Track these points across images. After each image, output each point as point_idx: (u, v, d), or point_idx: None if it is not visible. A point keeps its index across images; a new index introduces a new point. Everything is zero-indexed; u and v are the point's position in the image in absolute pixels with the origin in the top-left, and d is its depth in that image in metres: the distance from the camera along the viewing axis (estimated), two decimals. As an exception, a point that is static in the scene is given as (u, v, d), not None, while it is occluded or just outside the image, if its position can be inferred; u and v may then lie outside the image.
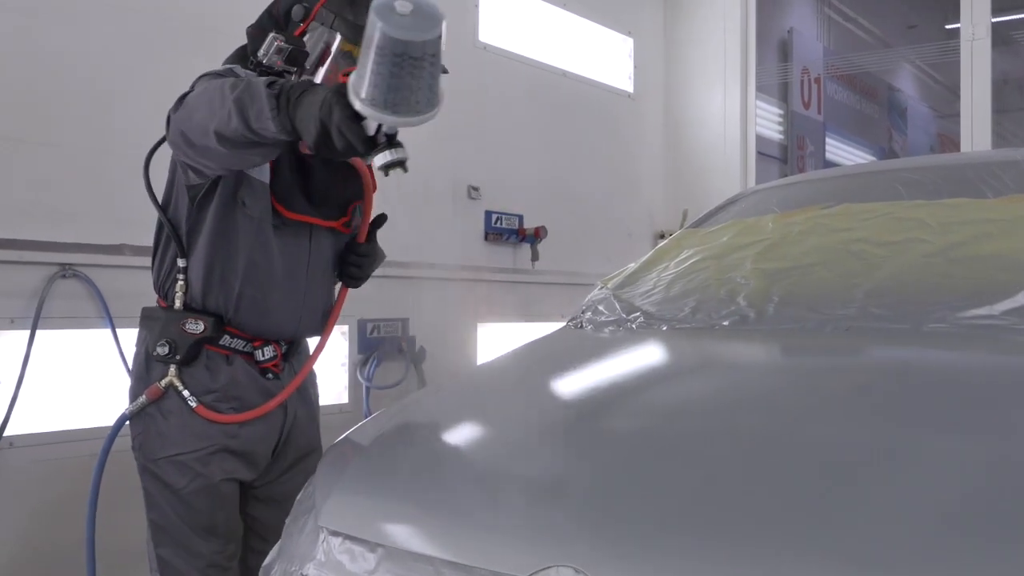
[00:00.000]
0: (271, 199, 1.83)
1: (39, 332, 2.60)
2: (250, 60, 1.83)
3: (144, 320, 1.91)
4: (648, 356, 1.94)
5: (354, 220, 2.01)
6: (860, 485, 1.14)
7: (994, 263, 1.76)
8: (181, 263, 1.83)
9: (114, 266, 2.80)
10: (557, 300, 4.44)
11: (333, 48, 1.78)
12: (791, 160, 6.21)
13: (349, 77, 1.37)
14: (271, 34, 1.76)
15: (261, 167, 1.80)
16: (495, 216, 4.31)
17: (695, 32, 5.45)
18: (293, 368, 2.00)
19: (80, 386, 2.78)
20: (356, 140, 1.37)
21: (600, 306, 2.19)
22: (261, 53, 1.75)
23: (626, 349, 1.98)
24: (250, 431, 1.90)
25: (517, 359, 2.06)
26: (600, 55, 5.08)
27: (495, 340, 4.23)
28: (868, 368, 1.64)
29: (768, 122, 5.86)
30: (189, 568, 1.86)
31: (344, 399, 3.63)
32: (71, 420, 2.74)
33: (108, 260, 2.78)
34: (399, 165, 1.40)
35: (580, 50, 4.90)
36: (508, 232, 4.35)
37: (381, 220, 2.06)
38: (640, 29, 5.36)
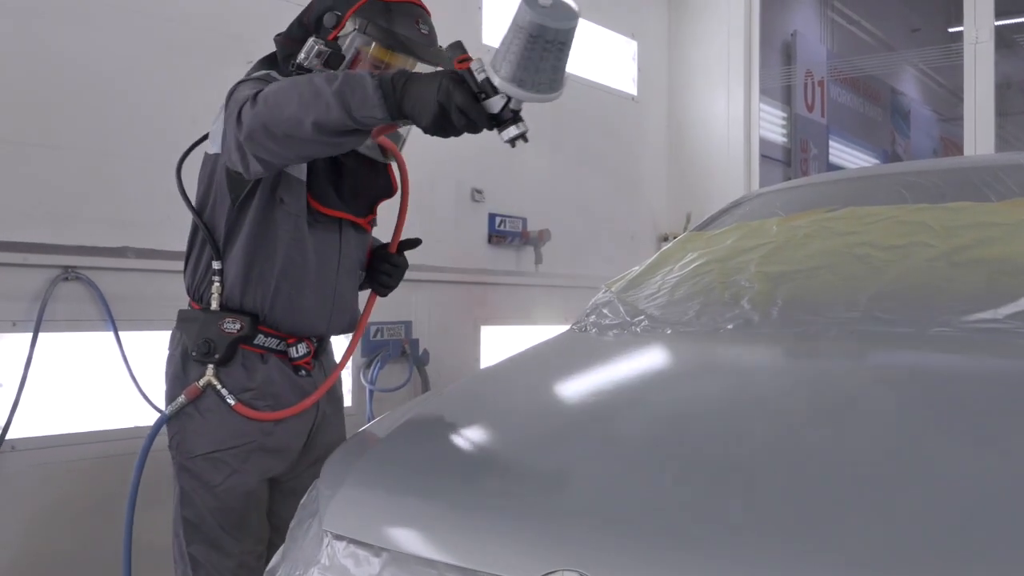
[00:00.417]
0: (307, 196, 1.89)
1: (41, 335, 2.60)
2: (287, 66, 1.91)
3: (181, 322, 1.96)
4: (653, 360, 1.94)
5: (375, 218, 2.08)
6: (865, 490, 1.14)
7: (998, 267, 1.75)
8: (216, 265, 1.89)
9: (117, 269, 2.79)
10: (560, 303, 4.43)
11: (366, 53, 1.87)
12: (794, 163, 6.20)
13: (470, 64, 1.53)
14: (311, 39, 1.85)
15: (299, 165, 1.87)
16: (499, 219, 4.30)
17: (699, 35, 5.44)
18: (323, 366, 2.06)
19: (83, 389, 2.78)
20: (480, 118, 1.52)
21: (604, 309, 2.19)
22: (302, 56, 1.84)
23: (631, 353, 1.97)
24: (284, 427, 1.95)
25: (521, 363, 2.06)
26: (604, 58, 5.08)
27: (498, 343, 4.22)
28: (873, 372, 1.63)
29: (771, 125, 5.85)
30: (220, 567, 1.90)
31: (348, 402, 3.61)
32: (73, 424, 2.74)
33: (111, 263, 2.78)
34: (523, 136, 1.57)
35: (584, 53, 4.89)
36: (512, 235, 4.35)
37: (416, 243, 2.17)
38: (644, 32, 5.35)
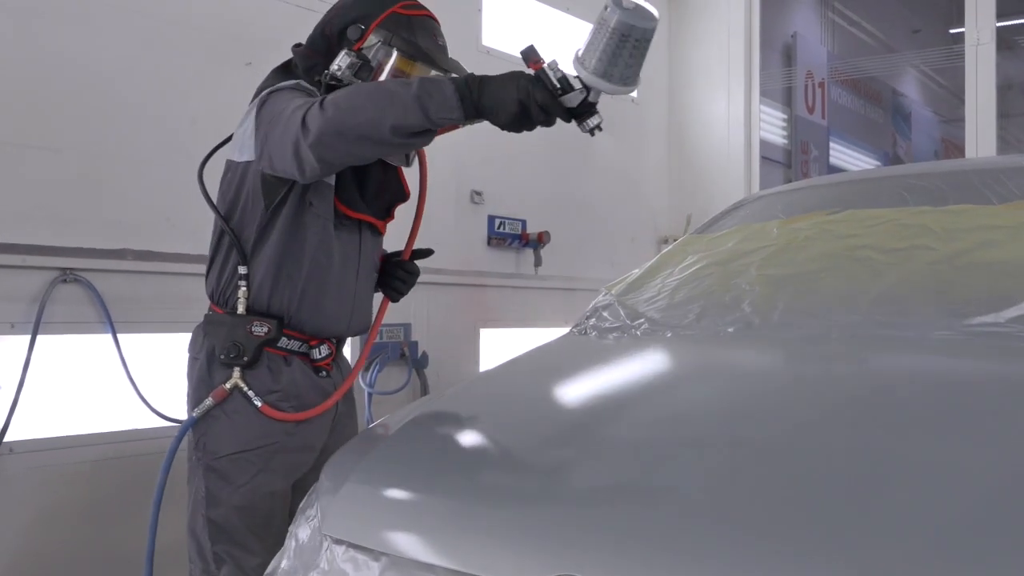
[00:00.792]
0: (334, 199, 1.95)
1: (40, 337, 2.59)
2: (312, 75, 1.96)
3: (208, 326, 1.99)
4: (653, 363, 1.93)
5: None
6: (865, 493, 1.13)
7: (1000, 270, 1.76)
8: (243, 270, 1.93)
9: (115, 271, 2.78)
10: (560, 305, 4.43)
11: (389, 64, 1.93)
12: (795, 165, 6.19)
13: (543, 65, 1.64)
14: (344, 51, 1.91)
15: None
16: (498, 221, 4.29)
17: (699, 36, 5.43)
18: (339, 367, 2.11)
19: (81, 392, 2.77)
20: (561, 113, 1.67)
21: (604, 312, 2.18)
22: (335, 67, 1.91)
23: (631, 356, 1.96)
24: (306, 427, 2.00)
25: (520, 366, 2.05)
26: (603, 59, 5.05)
27: (498, 345, 4.21)
28: (874, 376, 1.62)
29: (772, 127, 5.84)
30: (243, 566, 1.93)
31: (346, 405, 3.61)
32: (72, 426, 2.73)
33: (109, 265, 2.77)
34: (599, 126, 1.73)
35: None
36: (511, 237, 4.34)
37: (428, 253, 2.23)
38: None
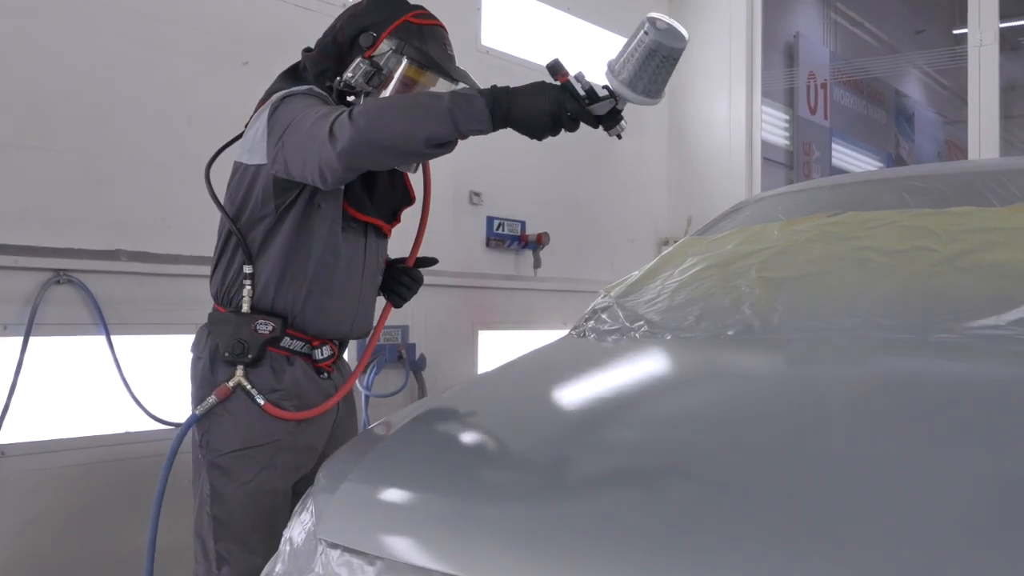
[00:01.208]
0: (343, 202, 1.97)
1: (32, 339, 2.58)
2: (324, 80, 2.00)
3: (212, 324, 2.01)
4: (652, 366, 1.93)
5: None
6: (865, 495, 1.13)
7: (1000, 272, 1.76)
8: (248, 269, 1.95)
9: (109, 272, 2.77)
10: (559, 307, 4.41)
11: (399, 72, 1.96)
12: (797, 166, 6.17)
13: (568, 78, 1.77)
14: (359, 58, 1.95)
15: None
16: (497, 222, 4.27)
17: (700, 37, 5.40)
18: (340, 369, 2.13)
19: (74, 394, 2.76)
20: (590, 121, 1.78)
21: (603, 314, 2.18)
22: (349, 74, 1.96)
23: (630, 359, 1.96)
24: (308, 428, 2.01)
25: (518, 368, 2.04)
26: (603, 59, 5.03)
27: (496, 348, 4.19)
28: (874, 379, 1.61)
29: (774, 128, 5.82)
30: (248, 563, 1.92)
31: (343, 407, 3.60)
32: (65, 429, 2.71)
33: (103, 266, 2.76)
34: (623, 129, 1.85)
35: (583, 54, 4.86)
36: (510, 238, 4.32)
37: (432, 262, 2.27)
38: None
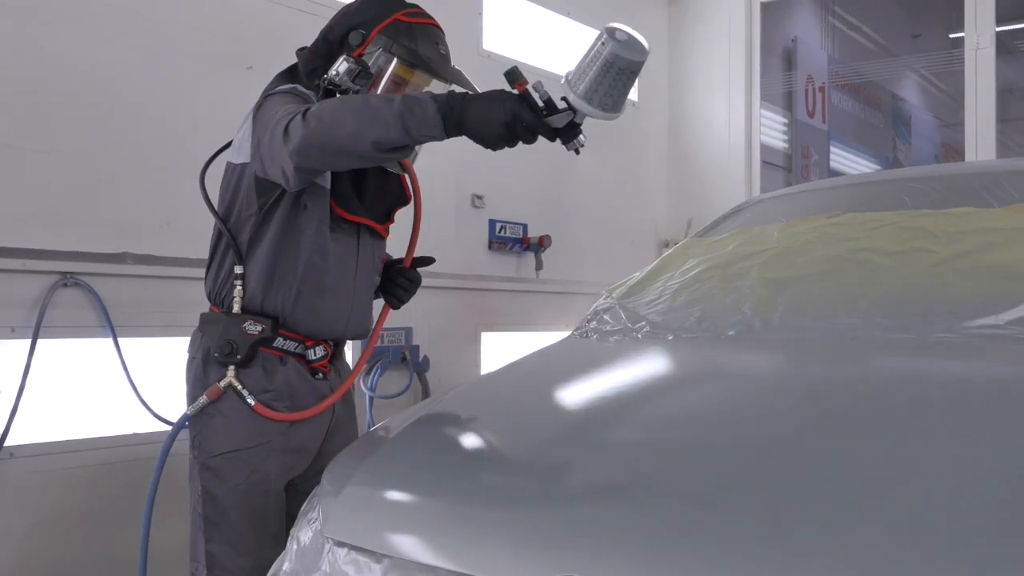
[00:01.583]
0: (331, 202, 1.96)
1: (40, 341, 2.59)
2: (313, 80, 1.98)
3: (203, 325, 2.00)
4: (654, 366, 1.94)
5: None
6: (866, 494, 1.14)
7: (999, 273, 1.77)
8: (238, 270, 1.94)
9: (115, 275, 2.79)
10: (561, 309, 4.43)
11: (389, 70, 1.94)
12: (795, 169, 6.19)
13: (527, 87, 1.70)
14: (343, 57, 1.92)
15: (324, 174, 1.93)
16: (499, 225, 4.29)
17: (700, 41, 5.44)
18: (338, 370, 2.11)
19: (81, 396, 2.77)
20: (547, 133, 1.72)
21: (606, 315, 2.19)
22: (333, 73, 1.92)
23: (633, 359, 1.97)
24: (301, 428, 2.00)
25: (522, 369, 2.06)
26: (604, 64, 5.07)
27: (499, 349, 4.22)
28: (875, 378, 1.63)
29: (772, 131, 5.84)
30: (238, 565, 1.92)
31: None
32: (72, 430, 2.73)
33: (109, 269, 2.78)
34: (582, 146, 1.79)
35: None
36: (512, 241, 4.34)
37: (429, 261, 2.24)
38: (644, 37, 5.33)
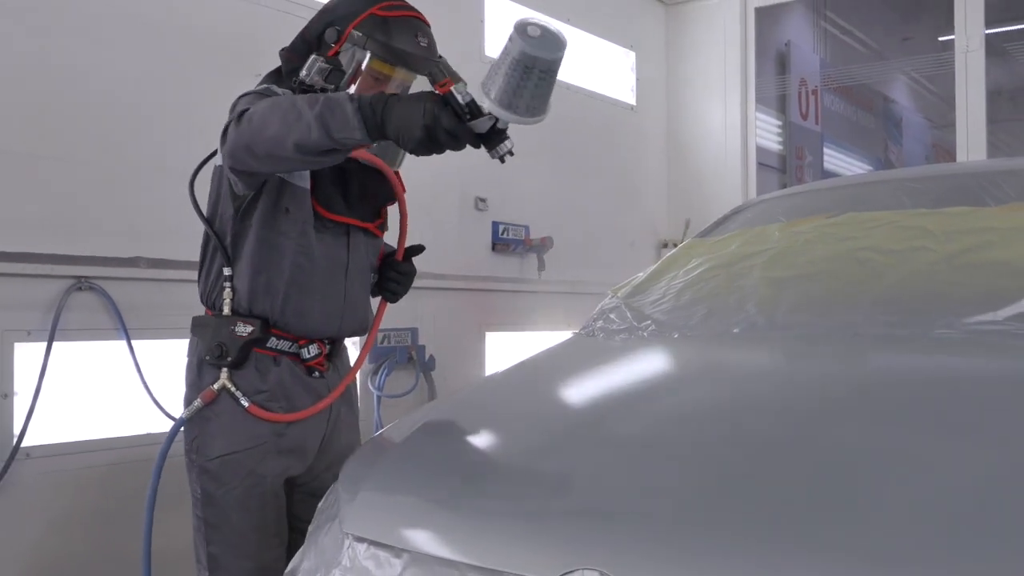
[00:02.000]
0: (312, 203, 1.93)
1: (56, 344, 2.62)
2: (292, 79, 1.93)
3: (195, 328, 1.99)
4: (662, 363, 1.96)
5: (385, 223, 2.12)
6: (871, 488, 1.16)
7: (997, 271, 1.79)
8: (227, 271, 1.92)
9: (129, 278, 2.82)
10: (563, 309, 4.48)
11: (363, 67, 1.90)
12: (790, 170, 6.25)
13: (451, 88, 1.57)
14: (313, 55, 1.88)
15: (302, 174, 1.90)
16: (502, 227, 4.34)
17: (696, 46, 5.50)
18: (337, 368, 2.09)
19: (96, 397, 2.80)
20: (469, 138, 1.59)
21: (611, 315, 2.22)
22: (304, 73, 1.87)
23: (640, 357, 2.00)
24: (298, 429, 1.98)
25: (533, 367, 2.08)
26: (603, 68, 5.13)
27: (503, 349, 4.26)
28: (878, 373, 1.66)
29: (767, 133, 5.90)
30: (239, 567, 1.91)
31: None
32: (87, 431, 2.76)
33: (123, 272, 2.81)
34: (510, 151, 1.65)
35: (583, 64, 4.94)
36: (515, 242, 4.39)
37: (419, 249, 2.20)
38: (642, 43, 5.41)
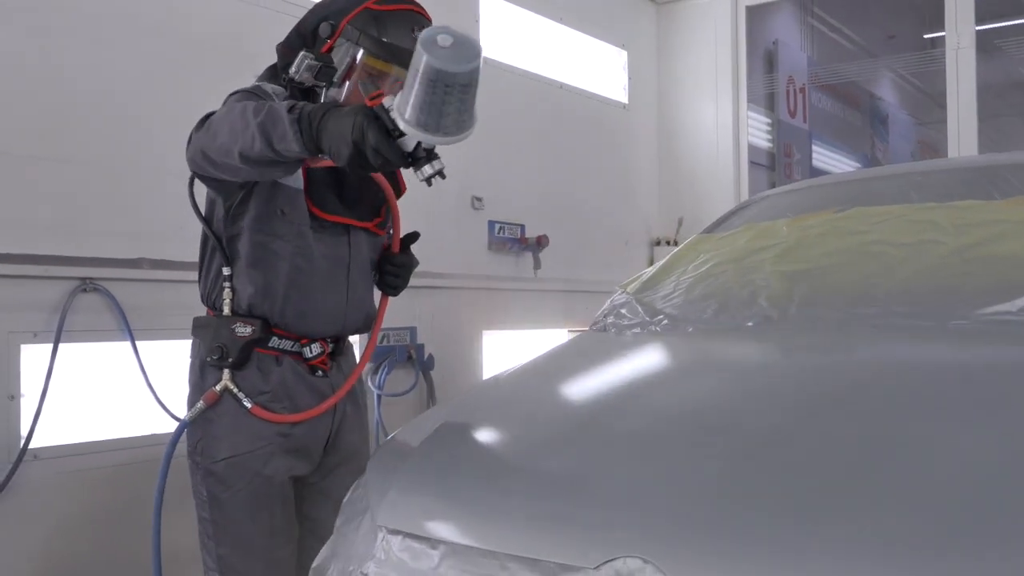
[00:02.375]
0: (307, 203, 1.91)
1: (61, 345, 2.62)
2: (282, 77, 1.90)
3: (196, 329, 1.97)
4: (680, 357, 1.96)
5: (387, 222, 2.10)
6: (896, 478, 1.18)
7: (1009, 263, 1.80)
8: (226, 271, 1.90)
9: (134, 280, 2.82)
10: (559, 307, 4.50)
11: (356, 63, 1.86)
12: (779, 168, 6.28)
13: (383, 100, 1.49)
14: (302, 52, 1.84)
15: (295, 175, 1.88)
16: (498, 226, 4.36)
17: (687, 45, 5.54)
18: (340, 367, 2.07)
19: (102, 398, 2.80)
20: (395, 157, 1.49)
21: (623, 310, 2.22)
22: (293, 70, 1.83)
23: (656, 351, 2.01)
24: (302, 428, 1.96)
25: (549, 362, 2.09)
26: (595, 67, 5.16)
27: (501, 347, 4.28)
28: (896, 364, 1.67)
29: (756, 131, 5.94)
30: (249, 568, 1.90)
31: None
32: (94, 432, 2.76)
33: (128, 274, 2.81)
34: (439, 174, 1.54)
35: (576, 63, 4.97)
36: (511, 241, 4.41)
37: (414, 237, 2.17)
38: (634, 42, 5.44)
